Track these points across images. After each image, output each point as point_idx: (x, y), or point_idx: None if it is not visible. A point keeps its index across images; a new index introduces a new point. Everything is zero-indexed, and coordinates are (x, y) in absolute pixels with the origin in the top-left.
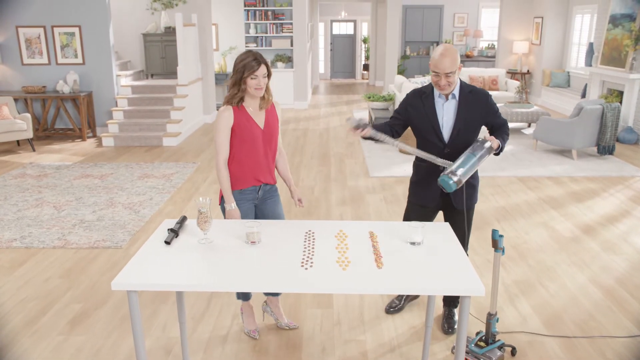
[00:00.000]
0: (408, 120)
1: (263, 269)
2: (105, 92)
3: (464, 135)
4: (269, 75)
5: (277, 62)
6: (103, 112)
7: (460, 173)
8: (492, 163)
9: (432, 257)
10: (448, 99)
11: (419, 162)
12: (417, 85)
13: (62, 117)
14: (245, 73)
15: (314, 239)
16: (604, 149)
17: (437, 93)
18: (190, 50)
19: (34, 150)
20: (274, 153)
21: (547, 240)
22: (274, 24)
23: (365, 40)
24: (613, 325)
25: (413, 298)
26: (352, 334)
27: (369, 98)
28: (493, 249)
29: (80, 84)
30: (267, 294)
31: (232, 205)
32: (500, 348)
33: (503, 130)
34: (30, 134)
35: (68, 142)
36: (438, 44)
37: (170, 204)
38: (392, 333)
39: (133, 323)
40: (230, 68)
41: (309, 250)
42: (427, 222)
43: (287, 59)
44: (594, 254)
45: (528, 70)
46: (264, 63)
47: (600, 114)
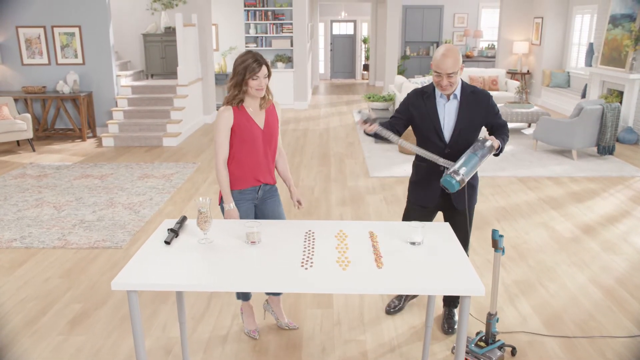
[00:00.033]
0: (409, 120)
1: (263, 269)
2: (105, 92)
3: (465, 136)
4: (269, 75)
5: (277, 62)
6: (103, 112)
7: (463, 172)
8: (492, 163)
9: (432, 257)
10: (450, 99)
11: (419, 162)
12: (417, 86)
13: (62, 117)
14: (247, 75)
15: (314, 239)
16: (604, 149)
17: (438, 93)
18: (190, 51)
19: (34, 151)
20: (274, 153)
21: (547, 241)
22: (274, 24)
23: (365, 41)
24: (613, 325)
25: (412, 297)
26: (352, 334)
27: (369, 98)
28: (493, 249)
29: (80, 84)
30: (268, 293)
31: (230, 205)
32: (500, 348)
33: (503, 132)
34: (30, 134)
35: (68, 142)
36: (438, 44)
37: (170, 204)
38: (392, 333)
39: (133, 323)
40: (230, 68)
41: (309, 250)
42: (426, 222)
43: (287, 59)
44: (594, 254)
45: (528, 71)
46: (265, 63)
47: (600, 114)
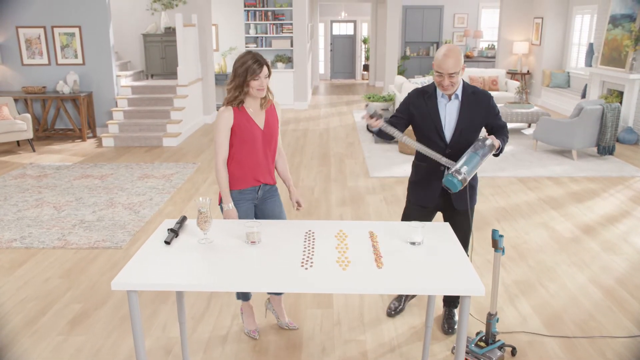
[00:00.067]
0: (410, 119)
1: (263, 269)
2: (105, 92)
3: (466, 136)
4: (269, 75)
5: (277, 62)
6: (103, 112)
7: (465, 172)
8: (492, 164)
9: (432, 257)
10: (451, 99)
11: (419, 162)
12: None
13: (62, 117)
14: (248, 76)
15: (314, 239)
16: (604, 150)
17: (439, 93)
18: (190, 51)
19: (34, 151)
20: (274, 153)
21: (547, 241)
22: (274, 25)
23: (365, 41)
24: (613, 325)
25: (411, 298)
26: (352, 334)
27: (369, 98)
28: (493, 249)
29: (80, 85)
30: (270, 292)
31: (229, 205)
32: (501, 348)
33: (503, 132)
34: (30, 135)
35: (68, 142)
36: (438, 45)
37: (170, 205)
38: (392, 333)
39: (133, 323)
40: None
41: (309, 250)
42: (426, 222)
43: (287, 60)
44: (594, 254)
45: (528, 71)
46: (265, 63)
47: (600, 115)
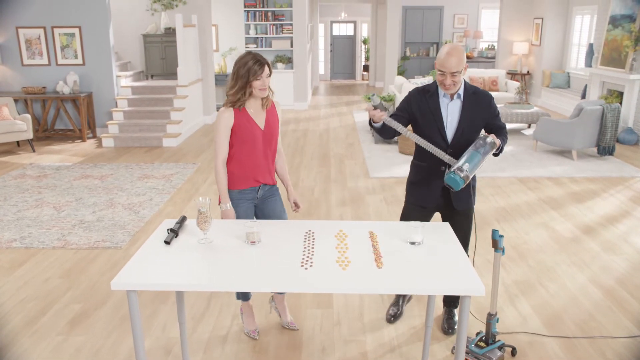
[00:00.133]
0: (411, 118)
1: (263, 269)
2: (105, 93)
3: (467, 136)
4: (270, 74)
5: (277, 63)
6: (103, 112)
7: (467, 169)
8: (492, 164)
9: (432, 257)
10: (453, 99)
11: (419, 161)
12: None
13: (62, 117)
14: (251, 77)
15: (314, 239)
16: (604, 150)
17: (441, 92)
18: (190, 51)
19: (34, 151)
20: (274, 154)
21: (547, 241)
22: (274, 25)
23: (365, 41)
24: (613, 326)
25: (408, 300)
26: (352, 334)
27: (369, 98)
28: (493, 249)
29: (80, 85)
30: None
31: (227, 205)
32: (501, 348)
33: (502, 133)
34: (30, 135)
35: (68, 142)
36: (438, 45)
37: (170, 205)
38: (392, 333)
39: (133, 323)
40: (230, 69)
41: (309, 250)
42: (426, 222)
43: (287, 60)
44: (594, 254)
45: (528, 71)
46: (266, 63)
47: (600, 115)
